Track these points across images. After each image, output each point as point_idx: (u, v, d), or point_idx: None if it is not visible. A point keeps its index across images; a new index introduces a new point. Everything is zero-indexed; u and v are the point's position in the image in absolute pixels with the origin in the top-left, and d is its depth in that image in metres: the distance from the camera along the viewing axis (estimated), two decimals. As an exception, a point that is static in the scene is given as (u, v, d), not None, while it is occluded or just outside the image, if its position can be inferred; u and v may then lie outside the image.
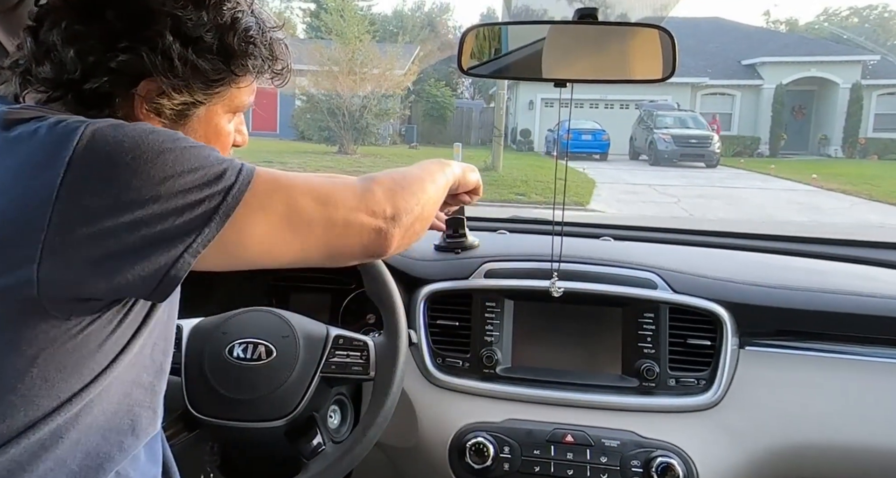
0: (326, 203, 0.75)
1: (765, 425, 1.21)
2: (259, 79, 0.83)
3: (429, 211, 0.90)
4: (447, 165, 1.05)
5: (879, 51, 22.28)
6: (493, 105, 18.31)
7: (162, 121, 0.76)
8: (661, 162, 16.37)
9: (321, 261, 0.79)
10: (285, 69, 0.86)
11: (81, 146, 0.63)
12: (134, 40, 0.71)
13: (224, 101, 0.81)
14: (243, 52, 0.78)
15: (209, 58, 0.75)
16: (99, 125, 0.65)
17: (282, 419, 1.07)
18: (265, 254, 0.73)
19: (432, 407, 1.28)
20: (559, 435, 1.20)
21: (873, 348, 1.25)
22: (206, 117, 0.80)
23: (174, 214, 0.65)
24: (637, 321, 1.26)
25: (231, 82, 0.79)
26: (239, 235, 0.69)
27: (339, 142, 16.28)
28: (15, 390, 0.66)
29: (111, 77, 0.72)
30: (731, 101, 21.49)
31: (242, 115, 0.88)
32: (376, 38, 17.98)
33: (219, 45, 0.76)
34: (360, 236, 0.78)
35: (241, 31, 0.77)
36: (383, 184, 0.82)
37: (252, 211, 0.69)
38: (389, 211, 0.80)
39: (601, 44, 1.13)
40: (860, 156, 19.68)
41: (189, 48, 0.73)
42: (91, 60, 0.71)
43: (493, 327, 1.29)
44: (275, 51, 0.83)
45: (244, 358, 1.09)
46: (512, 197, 10.45)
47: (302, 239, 0.74)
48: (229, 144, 0.86)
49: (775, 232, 1.70)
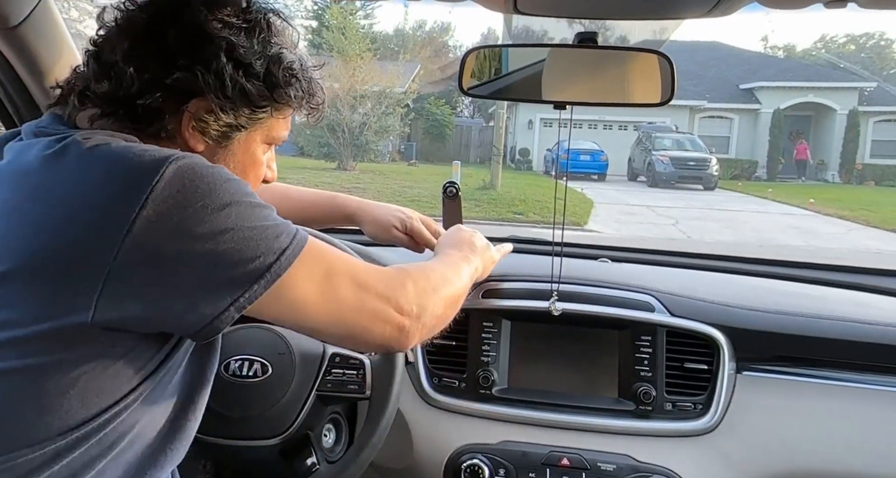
0: (362, 287, 0.78)
1: (761, 452, 1.21)
2: (297, 112, 0.88)
3: (450, 312, 0.93)
4: (471, 257, 1.06)
5: (876, 79, 22.49)
6: (492, 124, 18.40)
7: (206, 140, 0.79)
8: (659, 183, 16.45)
9: (339, 340, 0.83)
10: (322, 105, 0.90)
11: (161, 185, 0.65)
12: (191, 60, 0.75)
13: (263, 129, 0.84)
14: (286, 83, 0.82)
15: (256, 83, 0.79)
16: (180, 164, 0.68)
17: (276, 438, 1.07)
18: (291, 317, 0.76)
19: (428, 427, 1.27)
20: (555, 458, 1.20)
21: (871, 376, 1.24)
22: (246, 143, 0.84)
23: (229, 266, 0.68)
24: (634, 344, 1.26)
25: (273, 110, 0.83)
26: (277, 296, 0.71)
27: (339, 158, 16.32)
28: (53, 410, 0.67)
29: (165, 93, 0.75)
30: (728, 125, 21.64)
31: (274, 151, 0.93)
32: (377, 55, 18.11)
33: (265, 73, 0.80)
34: (383, 328, 0.80)
35: (285, 64, 0.82)
36: (416, 281, 0.85)
37: (297, 276, 0.72)
38: (416, 310, 0.82)
39: (601, 67, 1.14)
40: (857, 181, 19.80)
41: (239, 71, 0.77)
42: (147, 77, 0.74)
43: (489, 348, 1.29)
44: (313, 87, 0.87)
45: (240, 375, 1.08)
46: (510, 216, 10.46)
47: (330, 314, 0.77)
48: (261, 176, 0.89)
49: (773, 257, 1.70)
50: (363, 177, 14.58)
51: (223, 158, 0.82)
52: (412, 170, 17.25)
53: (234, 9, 0.79)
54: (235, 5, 0.79)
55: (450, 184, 1.35)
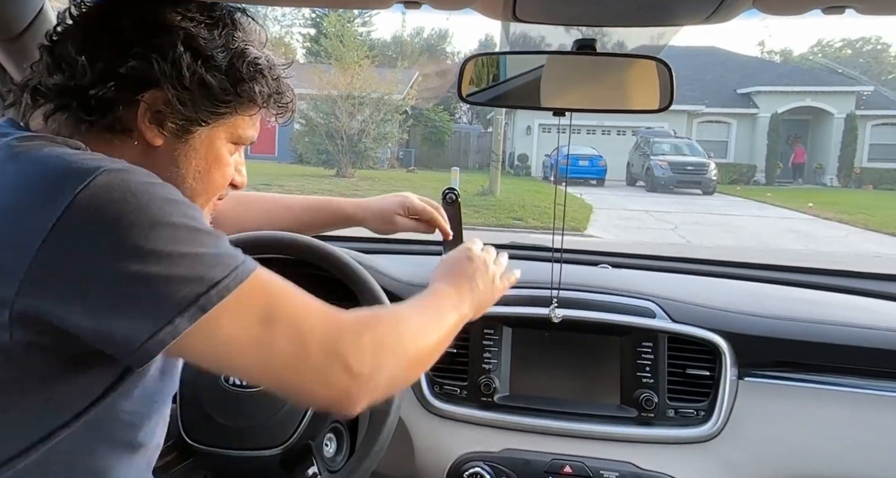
0: (305, 339, 0.67)
1: (764, 458, 1.20)
2: (265, 111, 0.83)
3: (417, 372, 0.85)
4: (465, 299, 0.95)
5: (872, 83, 22.57)
6: (490, 130, 18.45)
7: (163, 134, 0.75)
8: (658, 188, 16.47)
9: (277, 392, 0.74)
10: (290, 103, 0.85)
11: (85, 196, 0.60)
12: (146, 48, 0.72)
13: (228, 126, 0.80)
14: (251, 78, 0.78)
15: (218, 76, 0.75)
16: (113, 176, 0.62)
17: (277, 448, 1.06)
18: (216, 362, 0.67)
19: (429, 436, 1.27)
20: (557, 466, 1.19)
21: (872, 381, 1.24)
22: (209, 140, 0.79)
23: (151, 295, 0.61)
24: (635, 350, 1.25)
25: (237, 107, 0.79)
26: (204, 334, 0.63)
27: (337, 165, 16.35)
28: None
29: (119, 83, 0.71)
30: (727, 130, 21.71)
31: (243, 155, 0.88)
32: (375, 62, 18.17)
33: (227, 67, 0.76)
34: (323, 391, 0.69)
35: (250, 59, 0.78)
36: (378, 333, 0.74)
37: (227, 315, 0.64)
38: (369, 370, 0.70)
39: (599, 74, 1.14)
40: (855, 185, 19.83)
41: (199, 62, 0.74)
42: (100, 66, 0.71)
43: (491, 355, 1.28)
44: (281, 85, 0.83)
45: (239, 385, 1.08)
46: (509, 221, 10.47)
47: (262, 365, 0.67)
48: (229, 177, 0.84)
49: (773, 261, 1.70)
50: (362, 184, 14.59)
51: (184, 153, 0.77)
52: (411, 176, 17.27)
53: (198, 5, 0.76)
54: (201, 4, 0.77)
55: (449, 190, 1.35)
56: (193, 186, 0.79)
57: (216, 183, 0.82)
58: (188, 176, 0.78)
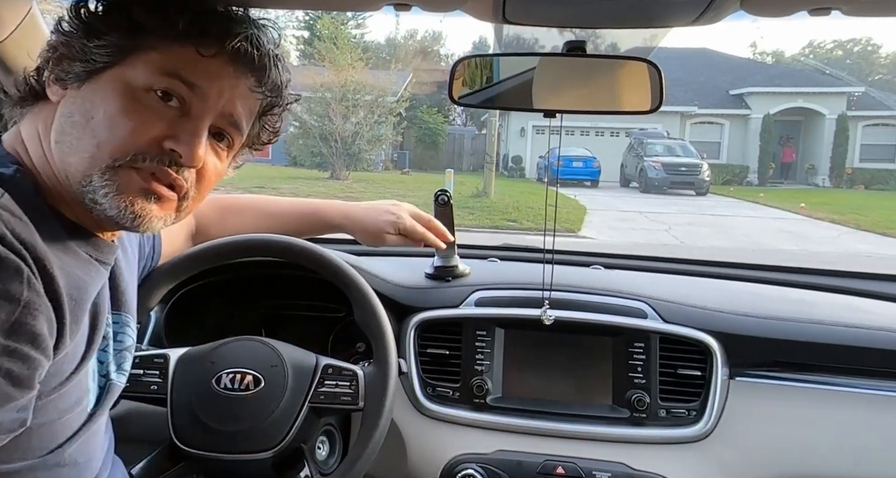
0: None
1: (756, 458, 1.21)
2: (188, 41, 0.74)
3: None
4: None
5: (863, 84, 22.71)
6: (484, 132, 18.48)
7: (62, 89, 0.75)
8: (651, 189, 16.52)
9: None
10: (240, 37, 0.76)
11: None
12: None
13: (139, 65, 0.74)
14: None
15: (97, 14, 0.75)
16: None
17: (269, 451, 1.05)
18: None
19: (422, 438, 1.27)
20: (550, 467, 1.19)
21: (863, 380, 1.25)
22: (110, 83, 0.74)
23: None
24: (627, 351, 1.26)
25: (137, 39, 0.74)
26: None
27: (332, 168, 16.34)
28: None
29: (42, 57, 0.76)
30: (719, 131, 21.78)
31: (202, 133, 0.77)
32: (369, 65, 18.16)
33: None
34: None
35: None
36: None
37: None
38: None
39: (590, 76, 1.14)
40: (847, 185, 19.94)
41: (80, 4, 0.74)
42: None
43: (483, 356, 1.28)
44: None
45: (231, 388, 1.07)
46: (504, 223, 10.47)
47: None
48: (152, 133, 0.74)
49: (765, 262, 1.71)
50: (356, 186, 14.58)
51: (79, 103, 0.74)
52: (405, 178, 17.27)
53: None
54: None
55: (441, 192, 1.36)
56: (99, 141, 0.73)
57: (127, 135, 0.73)
58: (87, 124, 0.73)
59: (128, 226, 0.77)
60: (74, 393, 0.78)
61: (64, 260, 0.73)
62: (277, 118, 0.91)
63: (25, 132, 0.78)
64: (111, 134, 0.72)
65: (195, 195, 0.82)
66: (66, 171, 0.74)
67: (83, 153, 0.73)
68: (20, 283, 0.63)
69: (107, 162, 0.73)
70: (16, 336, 0.62)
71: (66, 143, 0.74)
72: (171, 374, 1.10)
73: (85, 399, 0.82)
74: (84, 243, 0.79)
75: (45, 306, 0.66)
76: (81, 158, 0.73)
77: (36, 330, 0.64)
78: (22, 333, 0.63)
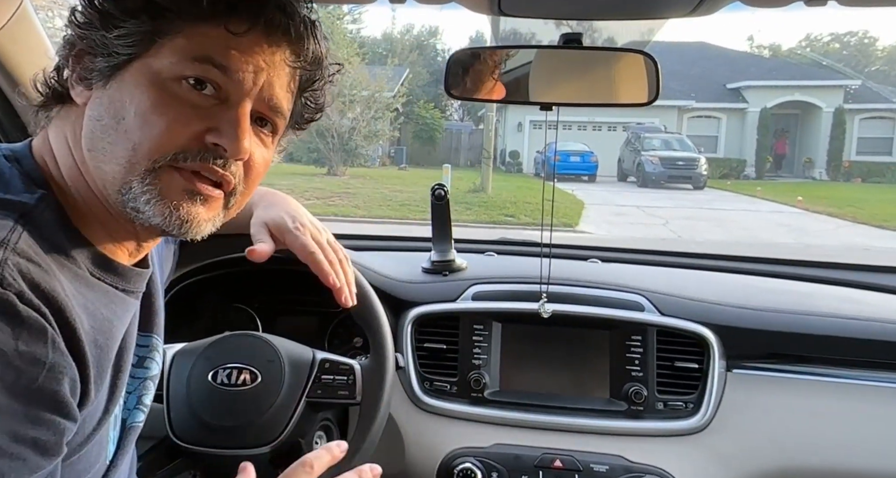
0: None
1: (753, 449, 1.21)
2: (218, 20, 0.67)
3: None
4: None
5: (860, 77, 22.72)
6: (482, 127, 18.46)
7: (87, 90, 0.69)
8: (648, 184, 16.53)
9: None
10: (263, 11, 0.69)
11: None
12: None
13: (166, 54, 0.67)
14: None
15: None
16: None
17: (266, 446, 1.05)
18: None
19: (419, 432, 1.26)
20: (547, 460, 1.19)
21: (860, 372, 1.25)
22: (137, 78, 0.67)
23: None
24: (625, 344, 1.26)
25: (159, 25, 0.67)
26: None
27: (329, 163, 16.31)
28: None
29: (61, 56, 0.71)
30: (716, 124, 21.79)
31: (244, 120, 0.70)
32: (365, 60, 18.11)
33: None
34: None
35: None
36: None
37: None
38: None
39: (586, 68, 1.14)
40: (844, 179, 19.98)
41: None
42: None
43: (481, 350, 1.28)
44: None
45: (228, 383, 1.07)
46: (501, 218, 10.48)
47: None
48: (192, 127, 0.68)
49: (762, 255, 1.71)
50: (353, 182, 14.57)
51: (107, 104, 0.67)
52: (402, 174, 17.26)
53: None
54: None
55: (438, 186, 1.36)
56: (134, 141, 0.67)
57: (162, 134, 0.66)
58: (118, 126, 0.67)
59: (175, 233, 0.70)
60: (94, 450, 0.73)
61: (88, 297, 0.67)
62: (320, 92, 0.84)
63: (54, 139, 0.72)
64: (146, 134, 0.66)
65: (243, 190, 0.75)
66: (102, 180, 0.68)
67: (119, 159, 0.66)
68: (44, 344, 0.58)
69: (145, 165, 0.66)
70: (40, 403, 0.58)
71: (100, 149, 0.67)
72: (167, 369, 1.10)
73: (103, 453, 0.77)
74: (111, 275, 0.72)
75: (69, 368, 0.61)
76: (118, 164, 0.67)
77: (60, 395, 0.60)
78: (47, 398, 0.59)
